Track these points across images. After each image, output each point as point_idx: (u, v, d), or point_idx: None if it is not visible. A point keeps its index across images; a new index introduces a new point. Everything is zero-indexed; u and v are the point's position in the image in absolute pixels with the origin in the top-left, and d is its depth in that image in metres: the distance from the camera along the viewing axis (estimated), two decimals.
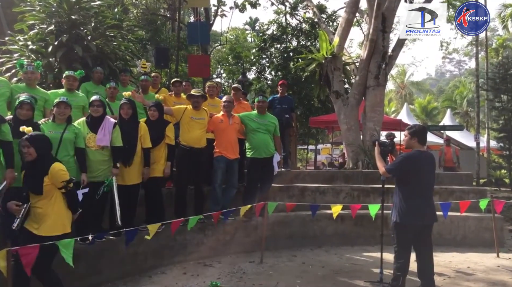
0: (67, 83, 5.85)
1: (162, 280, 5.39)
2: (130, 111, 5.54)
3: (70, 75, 5.87)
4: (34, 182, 3.75)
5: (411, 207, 4.73)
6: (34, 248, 3.85)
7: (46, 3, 7.50)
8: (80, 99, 5.91)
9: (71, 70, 6.14)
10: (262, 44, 20.26)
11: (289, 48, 19.81)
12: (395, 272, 4.88)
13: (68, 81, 5.85)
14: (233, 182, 6.68)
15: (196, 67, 11.64)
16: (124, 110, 5.52)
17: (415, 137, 4.85)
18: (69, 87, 5.86)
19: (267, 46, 20.27)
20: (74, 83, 5.91)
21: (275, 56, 20.00)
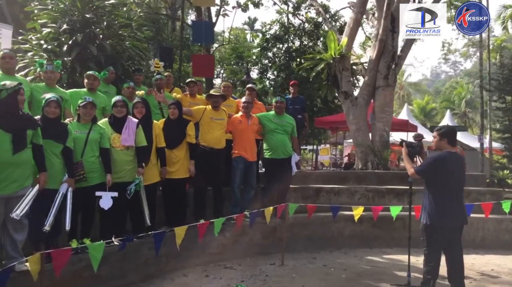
0: (88, 82, 5.75)
1: (185, 283, 5.31)
2: (143, 111, 5.46)
3: (90, 74, 5.77)
4: None
5: (441, 208, 4.67)
6: (66, 251, 3.77)
7: (59, 1, 7.37)
8: (101, 100, 5.80)
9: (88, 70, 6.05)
10: (264, 44, 20.20)
11: (292, 48, 19.77)
12: (425, 276, 4.81)
13: (89, 80, 5.74)
14: (252, 183, 6.60)
15: (200, 67, 11.51)
16: (138, 109, 5.43)
17: (445, 138, 4.79)
18: (90, 87, 5.76)
19: (270, 46, 20.22)
20: (94, 83, 5.81)
21: (277, 56, 19.93)
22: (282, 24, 20.19)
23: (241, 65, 21.86)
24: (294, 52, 19.72)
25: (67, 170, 4.44)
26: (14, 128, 3.89)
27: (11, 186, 3.87)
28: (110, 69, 6.76)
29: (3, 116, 3.86)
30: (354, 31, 12.52)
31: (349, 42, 12.09)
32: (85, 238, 4.37)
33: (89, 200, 4.70)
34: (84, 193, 4.65)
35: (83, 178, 4.59)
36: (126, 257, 4.96)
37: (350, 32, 12.31)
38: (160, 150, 5.51)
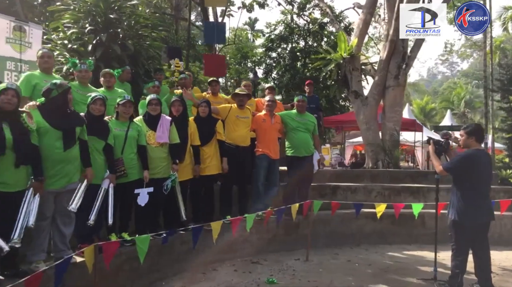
0: (105, 80, 5.81)
1: (217, 277, 5.43)
2: (180, 109, 5.59)
3: (106, 72, 5.83)
4: None
5: (469, 205, 4.81)
6: (115, 243, 3.89)
7: (83, 2, 7.47)
8: (118, 96, 5.89)
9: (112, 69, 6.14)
10: (269, 44, 20.33)
11: (296, 49, 19.90)
12: (453, 270, 4.96)
13: (105, 78, 5.81)
14: (275, 180, 6.72)
15: (212, 66, 11.61)
16: (175, 107, 5.56)
17: (473, 136, 4.92)
18: (107, 85, 5.82)
19: (274, 46, 20.35)
20: (111, 80, 5.85)
21: (282, 57, 20.05)
22: (287, 25, 20.32)
23: (245, 65, 21.97)
24: (298, 53, 19.86)
25: (109, 166, 4.55)
26: (64, 126, 4.00)
27: (61, 181, 3.98)
28: (126, 68, 6.85)
29: (53, 114, 3.97)
30: (363, 32, 12.70)
31: (358, 43, 12.25)
32: (123, 232, 4.52)
33: (127, 196, 4.81)
34: (123, 189, 4.76)
35: (124, 173, 4.71)
36: (162, 252, 5.08)
37: (359, 32, 12.49)
38: (195, 147, 5.62)
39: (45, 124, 3.90)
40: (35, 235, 3.86)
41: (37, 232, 3.84)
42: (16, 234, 3.48)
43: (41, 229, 3.86)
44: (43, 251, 3.97)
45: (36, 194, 3.66)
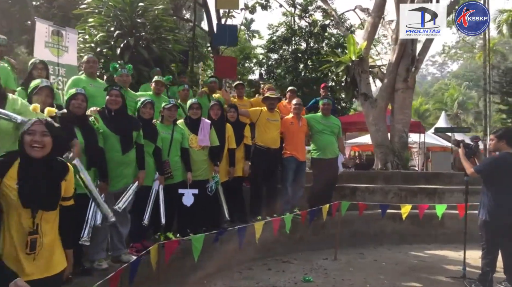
0: (156, 87, 5.99)
1: (253, 275, 5.61)
2: (219, 112, 5.75)
3: (158, 80, 6.01)
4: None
5: (500, 206, 5.02)
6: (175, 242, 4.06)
7: (110, 6, 7.59)
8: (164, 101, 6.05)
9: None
10: (271, 45, 20.53)
11: (299, 50, 20.12)
12: (483, 268, 5.17)
13: (157, 85, 5.99)
14: (302, 182, 6.90)
15: (223, 68, 11.74)
16: (214, 111, 5.72)
17: (503, 139, 5.14)
18: (157, 92, 5.99)
19: (276, 48, 20.55)
20: (161, 88, 6.05)
21: (285, 59, 20.25)
22: (289, 26, 20.53)
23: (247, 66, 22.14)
24: (300, 54, 20.09)
25: (157, 168, 4.70)
26: (122, 131, 4.15)
27: (120, 183, 4.15)
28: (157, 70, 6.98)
29: (113, 120, 4.12)
30: (371, 35, 12.93)
31: (367, 45, 12.48)
32: (168, 232, 4.69)
33: (171, 197, 4.96)
34: (168, 190, 4.91)
35: (170, 175, 4.87)
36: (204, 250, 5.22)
37: (368, 35, 12.70)
38: (231, 150, 5.79)
39: (105, 129, 4.05)
40: (97, 234, 4.00)
41: (99, 231, 3.98)
42: (85, 233, 3.62)
43: (102, 228, 4.00)
44: (103, 250, 4.13)
45: (101, 195, 3.80)
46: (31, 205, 2.38)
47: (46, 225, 2.45)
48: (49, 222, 2.46)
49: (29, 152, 2.40)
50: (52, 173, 2.51)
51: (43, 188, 2.43)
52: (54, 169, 2.53)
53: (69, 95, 3.80)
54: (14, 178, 2.37)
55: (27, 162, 2.42)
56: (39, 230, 2.41)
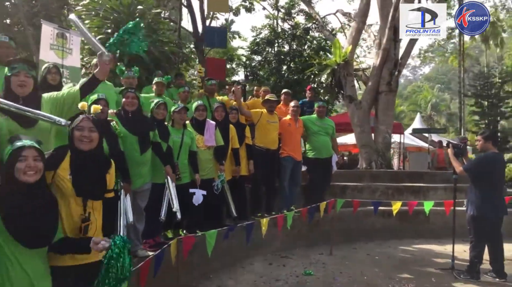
0: (157, 89, 6.18)
1: (256, 270, 5.88)
2: (223, 114, 5.99)
3: (159, 81, 6.19)
4: None
5: (487, 202, 5.44)
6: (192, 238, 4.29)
7: (107, 8, 7.73)
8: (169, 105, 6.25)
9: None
10: (255, 47, 20.81)
11: (282, 52, 20.45)
12: (472, 260, 5.58)
13: (158, 87, 6.18)
14: (298, 180, 7.20)
15: (214, 69, 11.93)
16: (218, 112, 5.96)
17: (490, 140, 5.57)
18: (158, 93, 6.18)
19: (260, 49, 20.84)
20: (162, 89, 6.24)
21: (268, 60, 20.55)
22: (273, 29, 20.84)
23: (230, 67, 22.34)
24: (283, 56, 20.42)
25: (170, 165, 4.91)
26: (140, 131, 4.36)
27: (138, 181, 4.35)
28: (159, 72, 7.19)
29: (130, 121, 4.32)
30: (356, 39, 13.40)
31: (352, 49, 12.91)
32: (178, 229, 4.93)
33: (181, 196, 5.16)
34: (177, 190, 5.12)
35: (179, 177, 5.07)
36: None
37: (352, 40, 13.14)
38: (235, 150, 6.03)
39: (123, 130, 4.25)
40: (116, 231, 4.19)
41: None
42: (121, 233, 3.82)
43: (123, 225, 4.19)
44: None
45: (126, 194, 4.01)
46: (83, 194, 2.63)
47: (94, 213, 2.70)
48: (96, 210, 2.71)
49: (78, 145, 2.66)
50: (99, 166, 2.76)
51: (92, 179, 2.70)
52: (100, 162, 2.78)
53: (91, 101, 3.97)
54: (67, 169, 2.62)
55: (77, 155, 2.67)
56: (90, 217, 2.64)
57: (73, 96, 3.23)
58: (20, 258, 2.27)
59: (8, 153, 2.32)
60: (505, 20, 31.74)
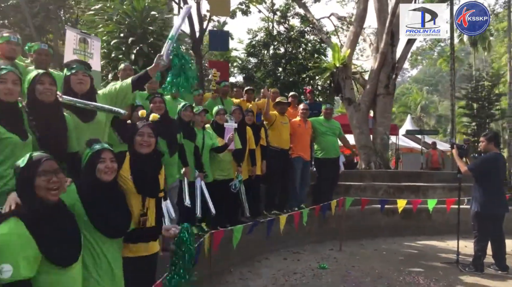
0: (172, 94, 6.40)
1: (271, 264, 6.18)
2: (240, 117, 6.27)
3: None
4: None
5: (490, 199, 5.81)
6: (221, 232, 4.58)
7: (121, 13, 7.97)
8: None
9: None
10: (251, 50, 21.12)
11: (278, 55, 20.79)
12: (476, 253, 5.94)
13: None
14: (307, 180, 7.52)
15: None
16: (236, 115, 6.23)
17: (492, 141, 5.94)
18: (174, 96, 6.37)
19: (256, 52, 21.16)
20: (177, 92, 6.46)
21: (265, 63, 20.87)
22: (268, 32, 21.17)
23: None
24: (279, 58, 20.76)
25: (197, 165, 5.20)
26: (169, 135, 4.65)
27: (169, 180, 4.64)
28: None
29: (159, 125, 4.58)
30: (354, 43, 13.78)
31: (350, 53, 13.28)
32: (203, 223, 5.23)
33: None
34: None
35: (205, 175, 5.35)
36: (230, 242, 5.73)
37: (350, 44, 13.52)
38: (252, 151, 6.32)
39: None
40: None
41: None
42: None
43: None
44: None
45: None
46: (143, 192, 2.92)
47: (150, 210, 2.98)
48: (150, 207, 3.01)
49: (139, 149, 2.98)
50: (155, 167, 3.06)
51: (149, 179, 2.98)
52: (155, 164, 3.08)
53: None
54: (128, 170, 2.93)
55: (137, 158, 2.95)
56: (147, 212, 2.94)
57: (126, 90, 3.52)
58: (103, 247, 2.55)
59: (87, 155, 2.60)
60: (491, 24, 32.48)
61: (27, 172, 2.10)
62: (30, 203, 2.09)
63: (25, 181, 2.11)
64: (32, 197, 2.10)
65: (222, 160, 5.75)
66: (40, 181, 2.09)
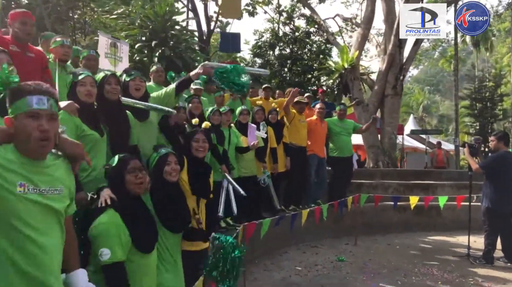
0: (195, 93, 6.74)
1: (292, 257, 6.54)
2: (262, 117, 6.60)
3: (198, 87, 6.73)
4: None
5: (500, 196, 6.13)
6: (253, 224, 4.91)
7: (143, 18, 8.30)
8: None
9: None
10: (257, 50, 21.46)
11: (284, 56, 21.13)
12: (487, 246, 6.27)
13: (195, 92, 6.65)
14: (324, 176, 7.82)
15: None
16: (259, 115, 6.56)
17: (502, 140, 6.27)
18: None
19: (262, 52, 21.51)
20: (200, 93, 6.73)
21: (271, 63, 21.20)
22: (274, 32, 21.51)
23: None
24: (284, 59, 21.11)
25: (226, 165, 5.52)
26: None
27: None
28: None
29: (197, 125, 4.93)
30: (361, 45, 14.14)
31: (358, 55, 13.63)
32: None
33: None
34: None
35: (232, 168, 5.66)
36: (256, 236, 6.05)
37: (358, 46, 13.88)
38: (273, 149, 6.65)
39: None
40: None
41: None
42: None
43: None
44: None
45: None
46: (198, 193, 3.28)
47: (202, 212, 3.34)
48: (202, 207, 3.35)
49: (195, 153, 3.36)
50: (207, 171, 3.42)
51: (203, 181, 3.33)
52: (207, 167, 3.45)
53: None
54: (185, 172, 3.25)
55: (193, 162, 3.32)
56: (199, 211, 3.29)
57: (170, 94, 3.85)
58: (167, 241, 2.89)
59: (155, 159, 2.95)
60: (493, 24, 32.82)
61: (119, 170, 2.45)
62: (122, 196, 2.44)
63: (117, 177, 2.46)
64: (124, 191, 2.45)
65: (245, 158, 6.07)
66: (129, 177, 2.46)
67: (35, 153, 1.73)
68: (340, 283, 5.44)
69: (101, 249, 2.26)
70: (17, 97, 1.71)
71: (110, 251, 2.26)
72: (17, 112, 1.70)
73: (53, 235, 1.78)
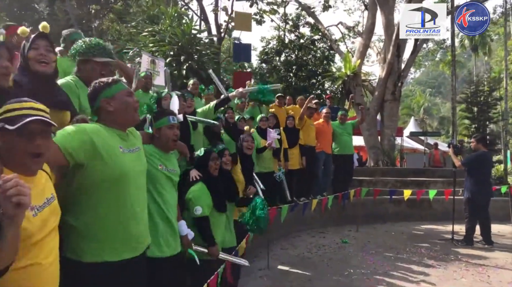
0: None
1: (304, 239, 7.77)
2: (274, 121, 7.79)
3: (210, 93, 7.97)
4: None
5: (478, 188, 7.33)
6: (274, 209, 6.12)
7: (174, 35, 9.55)
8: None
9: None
10: (264, 57, 22.71)
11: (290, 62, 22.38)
12: (467, 231, 7.48)
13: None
14: (329, 171, 9.03)
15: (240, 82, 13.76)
16: (271, 119, 7.76)
17: (481, 142, 7.48)
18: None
19: (269, 59, 22.75)
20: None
21: (277, 69, 22.45)
22: (281, 40, 22.76)
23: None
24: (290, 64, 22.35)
25: None
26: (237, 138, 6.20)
27: None
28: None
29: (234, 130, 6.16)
30: (363, 54, 15.36)
31: (360, 63, 14.85)
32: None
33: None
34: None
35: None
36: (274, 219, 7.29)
37: (359, 55, 15.10)
38: (285, 150, 7.87)
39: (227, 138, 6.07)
40: None
41: None
42: None
43: None
44: None
45: None
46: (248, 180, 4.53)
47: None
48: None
49: (246, 151, 4.66)
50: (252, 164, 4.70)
51: (249, 172, 4.59)
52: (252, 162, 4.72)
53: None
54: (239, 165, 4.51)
55: (245, 158, 4.58)
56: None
57: (210, 110, 5.08)
58: (215, 221, 4.08)
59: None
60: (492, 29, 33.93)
61: (204, 158, 3.71)
62: (206, 176, 3.70)
63: (203, 163, 3.73)
64: (207, 172, 3.71)
65: (264, 157, 7.28)
66: (211, 164, 3.71)
67: (168, 148, 3.00)
68: (344, 258, 6.67)
69: (196, 207, 3.50)
70: (161, 116, 2.98)
71: (202, 208, 3.50)
72: (161, 126, 2.97)
73: (173, 195, 3.05)
